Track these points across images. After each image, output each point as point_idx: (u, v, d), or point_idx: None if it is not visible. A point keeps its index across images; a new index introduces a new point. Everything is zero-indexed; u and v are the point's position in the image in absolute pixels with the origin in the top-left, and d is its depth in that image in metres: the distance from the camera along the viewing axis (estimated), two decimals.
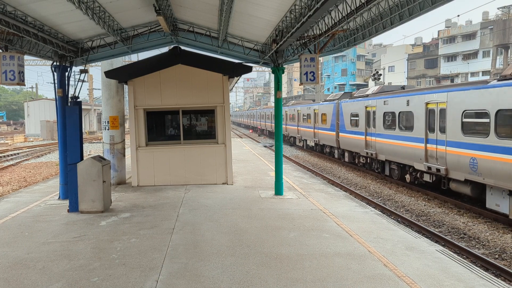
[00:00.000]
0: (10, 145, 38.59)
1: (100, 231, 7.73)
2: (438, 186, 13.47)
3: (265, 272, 5.71)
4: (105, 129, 12.78)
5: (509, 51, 42.36)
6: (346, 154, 21.13)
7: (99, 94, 66.06)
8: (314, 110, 26.57)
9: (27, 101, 57.24)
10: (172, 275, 5.64)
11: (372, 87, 19.49)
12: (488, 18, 50.72)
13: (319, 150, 26.41)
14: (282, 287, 5.23)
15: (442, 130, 12.66)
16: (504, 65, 43.30)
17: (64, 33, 10.11)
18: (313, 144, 27.63)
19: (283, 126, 34.93)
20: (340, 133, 21.66)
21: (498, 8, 48.82)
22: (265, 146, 29.06)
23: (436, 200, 13.31)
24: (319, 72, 9.81)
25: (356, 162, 19.97)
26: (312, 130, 26.99)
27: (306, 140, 29.59)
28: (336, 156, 23.06)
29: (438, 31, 56.42)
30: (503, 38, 42.21)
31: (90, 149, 30.77)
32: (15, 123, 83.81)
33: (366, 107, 18.21)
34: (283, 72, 11.31)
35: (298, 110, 31.27)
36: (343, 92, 23.66)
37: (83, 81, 11.01)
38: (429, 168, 13.16)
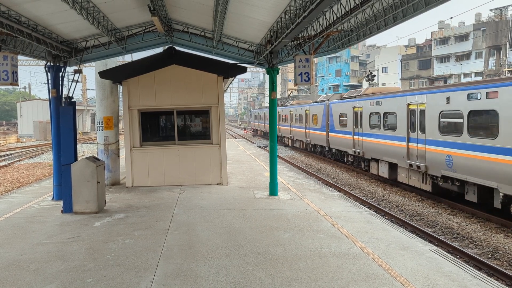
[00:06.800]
0: (2, 145, 38.27)
1: (94, 232, 7.70)
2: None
3: (260, 272, 5.72)
4: (99, 129, 12.73)
5: (501, 52, 42.73)
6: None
7: (93, 94, 65.72)
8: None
9: (20, 101, 56.87)
10: (167, 275, 5.63)
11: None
12: (481, 20, 51.12)
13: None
14: (277, 287, 5.24)
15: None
16: (496, 66, 43.69)
17: (58, 33, 10.06)
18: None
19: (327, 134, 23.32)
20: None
21: (490, 10, 49.27)
22: (260, 147, 29.08)
23: (429, 201, 13.40)
24: (314, 72, 9.85)
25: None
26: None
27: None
28: None
29: (432, 33, 56.76)
30: (496, 40, 42.60)
31: (84, 150, 30.61)
32: (7, 123, 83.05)
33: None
34: (277, 73, 11.31)
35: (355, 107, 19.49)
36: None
37: (77, 81, 10.94)
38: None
